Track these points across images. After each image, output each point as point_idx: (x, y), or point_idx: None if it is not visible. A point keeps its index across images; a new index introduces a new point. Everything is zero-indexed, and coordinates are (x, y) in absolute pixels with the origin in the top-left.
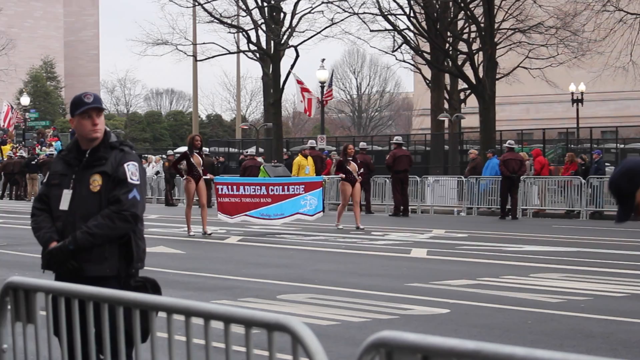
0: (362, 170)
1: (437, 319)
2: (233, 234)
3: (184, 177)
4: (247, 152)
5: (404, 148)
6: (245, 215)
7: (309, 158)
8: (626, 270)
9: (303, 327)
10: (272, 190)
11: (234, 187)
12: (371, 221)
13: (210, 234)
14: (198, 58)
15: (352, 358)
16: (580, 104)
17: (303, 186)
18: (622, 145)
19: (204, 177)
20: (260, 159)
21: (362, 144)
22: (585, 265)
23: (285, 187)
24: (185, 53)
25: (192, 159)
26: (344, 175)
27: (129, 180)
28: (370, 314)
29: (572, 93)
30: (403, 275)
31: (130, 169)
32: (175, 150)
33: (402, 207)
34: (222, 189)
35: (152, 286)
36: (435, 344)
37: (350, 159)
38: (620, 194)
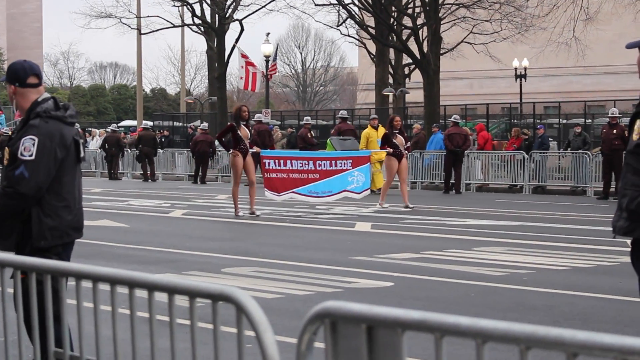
0: (408, 144)
1: (381, 292)
2: (177, 207)
3: (230, 152)
4: (199, 126)
5: (349, 122)
6: (293, 192)
7: (380, 129)
8: (568, 244)
9: (248, 297)
10: (319, 165)
11: (281, 161)
12: None
13: (258, 215)
14: (142, 31)
15: (296, 330)
16: (523, 79)
17: (351, 161)
18: (564, 121)
19: (251, 150)
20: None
21: (307, 119)
22: (528, 239)
23: (333, 161)
24: (129, 26)
25: (239, 132)
26: (391, 150)
27: (19, 155)
28: (315, 287)
29: (516, 68)
30: (347, 249)
31: (25, 144)
32: (119, 124)
33: None
34: (269, 163)
35: None
36: (380, 314)
37: (397, 131)
38: None
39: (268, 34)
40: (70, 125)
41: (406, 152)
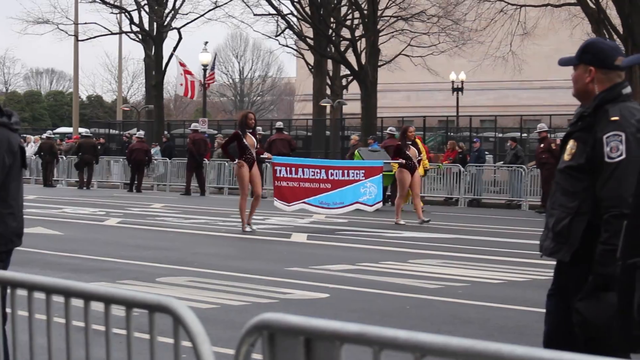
0: (420, 157)
1: (316, 303)
2: (112, 215)
3: (235, 162)
4: (135, 134)
5: (285, 133)
6: (304, 202)
7: (417, 141)
8: (503, 257)
9: (185, 308)
10: (332, 174)
11: (292, 169)
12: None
13: (254, 230)
14: (79, 38)
15: (231, 341)
16: (460, 92)
17: (363, 171)
18: (500, 134)
19: (261, 156)
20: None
21: (257, 129)
22: (463, 252)
23: (346, 171)
24: (67, 33)
25: (244, 140)
26: (403, 161)
27: None
28: (250, 298)
29: (453, 82)
30: (283, 260)
31: None
32: (54, 131)
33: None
34: (280, 171)
35: None
36: (318, 327)
37: (410, 143)
38: None
39: (206, 42)
40: (15, 131)
41: (419, 164)
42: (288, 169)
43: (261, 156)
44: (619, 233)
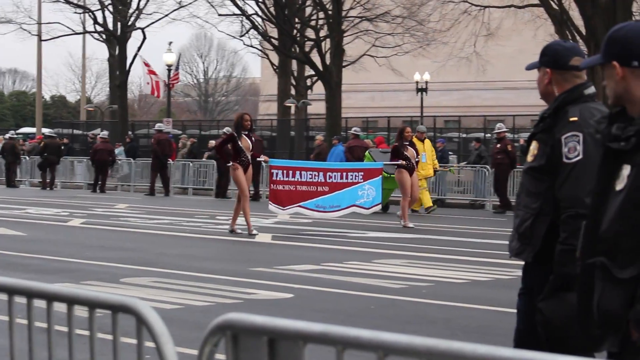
0: (418, 158)
1: (281, 304)
2: (76, 216)
3: (230, 164)
4: (99, 134)
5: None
6: (299, 206)
7: (426, 142)
8: (467, 257)
9: (148, 308)
10: (330, 177)
11: (290, 172)
12: (220, 206)
13: (239, 232)
14: (43, 38)
15: (196, 342)
16: (424, 93)
17: (362, 173)
18: (464, 135)
19: (258, 159)
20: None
21: (227, 129)
22: (427, 252)
23: (344, 174)
24: (30, 32)
25: (240, 142)
26: (403, 162)
27: None
28: (214, 298)
29: (417, 82)
30: (247, 260)
31: None
32: (17, 131)
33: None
34: (276, 173)
35: None
36: (282, 327)
37: (407, 143)
38: None
39: (170, 43)
40: None
41: (417, 166)
42: (285, 172)
43: (257, 159)
44: (576, 233)
